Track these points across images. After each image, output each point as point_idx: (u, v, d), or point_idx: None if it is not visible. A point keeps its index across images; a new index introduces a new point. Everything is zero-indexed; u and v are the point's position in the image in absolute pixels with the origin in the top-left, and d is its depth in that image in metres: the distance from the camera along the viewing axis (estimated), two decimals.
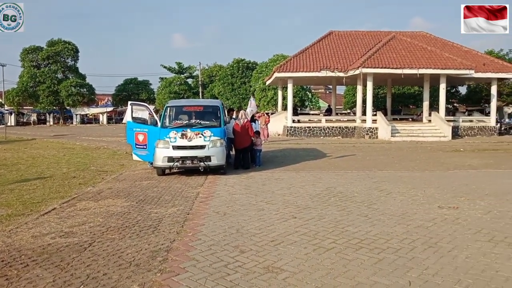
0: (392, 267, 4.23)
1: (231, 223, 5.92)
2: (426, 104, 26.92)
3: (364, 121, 25.54)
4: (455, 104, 40.30)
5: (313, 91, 51.10)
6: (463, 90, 41.44)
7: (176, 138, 10.21)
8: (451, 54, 25.38)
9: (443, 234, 5.33)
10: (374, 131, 24.54)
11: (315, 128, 26.53)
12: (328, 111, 35.78)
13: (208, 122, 10.72)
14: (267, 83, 33.21)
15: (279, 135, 27.75)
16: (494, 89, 27.40)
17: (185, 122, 10.82)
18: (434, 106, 29.77)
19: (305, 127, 26.49)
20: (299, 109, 39.68)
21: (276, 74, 26.08)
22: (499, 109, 36.14)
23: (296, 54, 27.55)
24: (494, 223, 5.83)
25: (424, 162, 13.32)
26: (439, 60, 24.00)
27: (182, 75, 57.63)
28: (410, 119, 32.25)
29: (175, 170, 10.65)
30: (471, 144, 20.78)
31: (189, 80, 59.28)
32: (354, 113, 32.43)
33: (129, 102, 11.72)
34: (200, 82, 55.88)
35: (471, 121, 27.59)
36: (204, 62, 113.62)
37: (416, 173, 10.81)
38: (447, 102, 37.79)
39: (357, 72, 24.07)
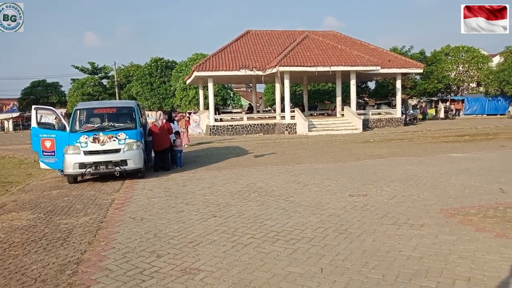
0: (306, 256, 4.40)
1: (148, 228, 5.74)
2: (339, 100, 28.47)
3: (283, 117, 26.31)
4: (365, 99, 43.13)
5: (234, 89, 51.54)
6: (372, 85, 44.54)
7: (88, 142, 9.64)
8: (359, 52, 27.08)
9: (353, 221, 5.67)
10: (293, 126, 25.41)
11: (237, 126, 26.76)
12: (250, 109, 36.34)
13: (122, 124, 10.26)
14: (187, 82, 32.78)
15: (202, 133, 27.52)
16: (398, 83, 29.79)
17: (97, 125, 10.25)
18: (346, 101, 31.58)
19: (227, 126, 26.60)
20: (221, 107, 39.82)
21: (196, 73, 25.82)
22: (404, 102, 39.43)
23: (215, 53, 27.51)
24: (398, 207, 6.33)
25: (337, 154, 14.08)
26: (349, 58, 25.51)
27: (96, 76, 54.55)
28: (326, 114, 33.89)
29: (89, 177, 10.06)
30: (380, 135, 22.41)
31: (104, 81, 56.30)
32: (275, 110, 33.25)
33: (33, 107, 10.81)
34: (116, 82, 53.40)
35: (379, 113, 29.74)
36: (120, 61, 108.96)
37: (331, 165, 11.38)
38: (358, 96, 40.38)
39: (274, 70, 24.69)
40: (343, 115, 27.49)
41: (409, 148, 15.02)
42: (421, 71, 30.57)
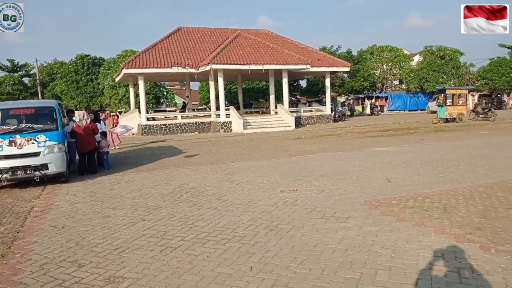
0: (236, 255, 4.36)
1: (70, 236, 5.36)
2: (272, 98, 28.94)
3: (218, 115, 26.18)
4: (297, 96, 44.32)
5: (168, 87, 50.32)
6: (304, 83, 45.87)
7: (3, 146, 8.84)
8: (290, 51, 27.71)
9: (283, 217, 5.75)
10: (228, 125, 25.38)
11: (171, 125, 26.17)
12: (184, 108, 35.73)
13: (42, 126, 9.52)
14: (116, 80, 31.39)
15: (133, 134, 26.57)
16: (328, 82, 30.92)
17: (13, 127, 9.43)
18: (280, 99, 32.23)
19: (161, 125, 25.90)
20: (155, 106, 38.70)
21: (125, 70, 24.80)
22: (333, 99, 41.07)
23: (145, 50, 26.62)
24: (326, 201, 6.53)
25: (271, 151, 14.28)
26: (280, 57, 25.99)
27: (16, 74, 50.37)
28: (261, 112, 34.30)
29: (5, 184, 9.23)
30: (311, 131, 23.13)
31: (25, 79, 52.18)
32: (210, 108, 33.00)
33: None
34: (38, 81, 49.75)
35: (311, 111, 30.70)
36: (42, 58, 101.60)
37: (264, 162, 11.50)
38: (291, 94, 41.39)
39: (207, 68, 24.46)
40: (276, 112, 27.98)
41: (338, 144, 15.64)
42: (348, 69, 32.00)
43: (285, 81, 27.38)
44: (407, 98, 45.68)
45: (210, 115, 27.57)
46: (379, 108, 42.64)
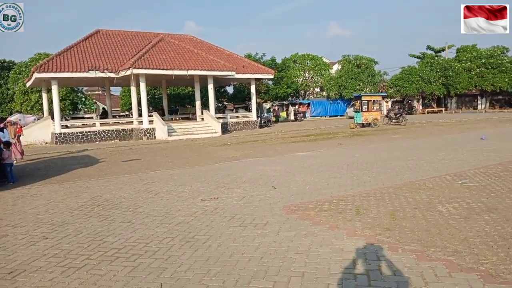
0: (146, 272, 4.08)
1: None
2: (198, 104, 28.59)
3: (141, 122, 25.23)
4: (224, 103, 44.33)
5: (88, 93, 47.58)
6: (230, 89, 46.04)
7: None
8: (215, 57, 27.63)
9: (201, 227, 5.55)
10: (152, 132, 24.57)
11: (89, 133, 24.68)
12: (104, 114, 33.99)
13: None
14: (28, 85, 28.91)
15: (46, 143, 24.64)
16: (253, 88, 31.30)
17: None
18: (207, 105, 31.97)
19: (77, 133, 24.28)
20: (72, 113, 36.30)
21: (36, 75, 22.92)
22: (259, 105, 41.76)
23: (59, 53, 24.85)
24: (246, 208, 6.45)
25: (195, 158, 14.00)
26: (205, 62, 25.79)
27: None
28: (187, 118, 33.74)
29: None
30: (237, 137, 23.19)
31: None
32: (132, 115, 31.73)
33: None
34: None
35: (237, 117, 30.83)
36: None
37: (187, 170, 11.20)
38: (218, 100, 41.32)
39: (128, 72, 23.49)
40: (203, 119, 27.67)
41: (262, 149, 15.80)
42: (272, 76, 32.70)
43: (210, 87, 27.19)
44: (328, 104, 47.85)
45: (132, 122, 26.48)
46: (302, 114, 44.12)
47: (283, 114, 45.39)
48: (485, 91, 46.94)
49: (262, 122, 32.72)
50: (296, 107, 46.54)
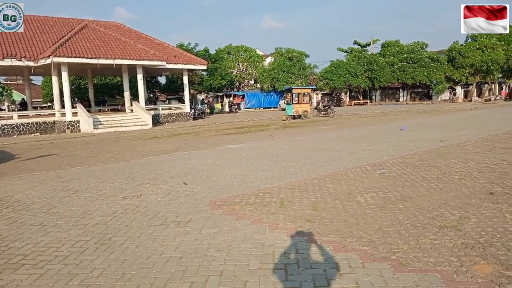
0: (54, 279, 3.76)
1: None
2: (127, 94, 27.47)
3: (64, 114, 23.69)
4: (156, 94, 43.07)
5: (7, 82, 43.64)
6: (163, 80, 44.75)
7: None
8: (145, 46, 26.62)
9: (120, 227, 5.27)
10: (76, 124, 23.18)
11: (5, 126, 22.74)
12: (24, 105, 31.47)
13: None
14: None
15: None
16: (185, 79, 30.68)
17: None
18: (137, 96, 30.79)
19: None
20: None
21: None
22: (193, 97, 41.10)
23: None
24: (171, 205, 6.25)
25: (122, 152, 13.40)
26: (134, 52, 24.78)
27: None
28: (116, 110, 32.30)
29: None
30: (169, 130, 22.62)
31: None
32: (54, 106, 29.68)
33: None
34: None
35: (170, 108, 30.08)
36: None
37: (111, 165, 10.66)
38: (149, 91, 39.99)
39: (48, 61, 21.91)
40: (132, 110, 26.63)
41: (194, 142, 15.53)
42: (205, 67, 32.28)
43: (140, 77, 26.22)
44: (262, 96, 48.41)
45: (54, 114, 24.78)
46: (236, 106, 44.21)
47: (217, 106, 45.16)
48: (406, 84, 50.28)
49: (196, 114, 32.26)
50: (231, 98, 46.53)
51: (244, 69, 49.76)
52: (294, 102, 27.74)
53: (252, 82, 52.39)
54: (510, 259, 3.68)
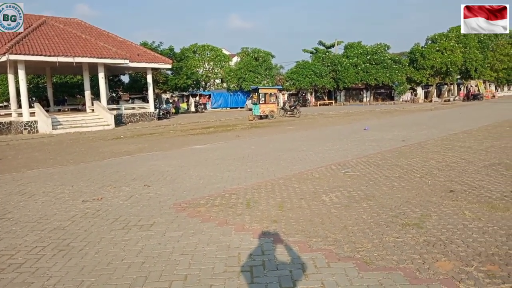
0: None
1: None
2: (88, 94, 26.62)
3: (20, 114, 22.64)
4: (119, 93, 42.00)
5: None
6: (126, 79, 43.69)
7: None
8: (106, 44, 25.87)
9: (79, 232, 5.04)
10: (33, 125, 22.21)
11: None
12: None
13: None
14: None
15: None
16: (149, 78, 30.07)
17: None
18: (99, 95, 29.89)
19: None
20: None
21: None
22: (158, 96, 40.40)
23: None
24: (133, 208, 6.05)
25: (82, 153, 12.93)
26: (95, 49, 24.02)
27: None
28: (76, 110, 31.24)
29: None
30: (132, 130, 22.10)
31: None
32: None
33: None
34: None
35: (133, 108, 29.40)
36: None
37: (70, 167, 10.25)
38: (112, 90, 38.98)
39: (3, 58, 20.86)
40: (93, 110, 25.82)
41: (158, 143, 15.23)
42: (169, 66, 31.77)
43: (101, 76, 25.46)
44: (228, 96, 48.26)
45: (11, 114, 23.63)
46: (203, 105, 43.84)
47: (183, 106, 44.62)
48: (370, 85, 51.57)
49: (161, 113, 31.68)
50: (197, 98, 46.09)
51: (210, 69, 49.42)
52: (260, 102, 27.80)
53: (218, 81, 52.09)
54: (470, 255, 3.79)
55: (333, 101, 52.69)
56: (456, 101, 49.21)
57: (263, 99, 28.06)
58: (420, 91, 53.57)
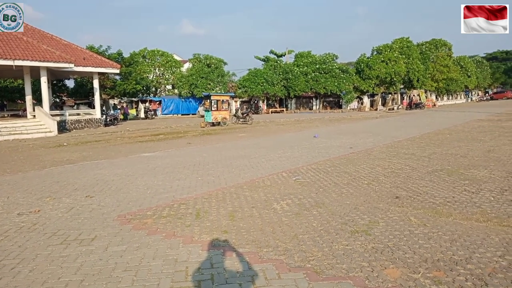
0: None
1: None
2: (29, 99, 25.13)
3: None
4: (63, 98, 40.05)
5: None
6: (71, 84, 41.75)
7: None
8: (50, 47, 24.60)
9: (13, 248, 4.63)
10: None
11: None
12: None
13: None
14: None
15: None
16: (96, 83, 28.92)
17: None
18: (41, 101, 28.30)
19: None
20: None
21: None
22: (105, 102, 38.96)
23: None
24: (73, 221, 5.67)
25: (20, 162, 12.08)
26: (37, 52, 22.75)
27: None
28: (16, 116, 29.36)
29: None
30: (77, 137, 21.05)
31: None
32: None
33: None
34: None
35: (78, 114, 28.10)
36: None
37: (6, 177, 9.51)
38: (55, 95, 37.11)
39: None
40: (35, 116, 24.36)
41: (104, 150, 14.58)
42: (117, 71, 30.74)
43: (43, 80, 24.13)
44: (180, 102, 47.53)
45: None
46: (153, 112, 42.85)
47: (132, 112, 43.38)
48: (319, 94, 52.83)
49: (108, 120, 30.51)
50: (147, 104, 45.00)
51: (161, 74, 48.46)
52: (213, 109, 27.57)
53: (169, 87, 51.17)
54: (416, 262, 3.86)
55: (285, 109, 53.45)
56: (399, 109, 51.60)
57: (216, 106, 27.86)
58: (366, 100, 55.65)
